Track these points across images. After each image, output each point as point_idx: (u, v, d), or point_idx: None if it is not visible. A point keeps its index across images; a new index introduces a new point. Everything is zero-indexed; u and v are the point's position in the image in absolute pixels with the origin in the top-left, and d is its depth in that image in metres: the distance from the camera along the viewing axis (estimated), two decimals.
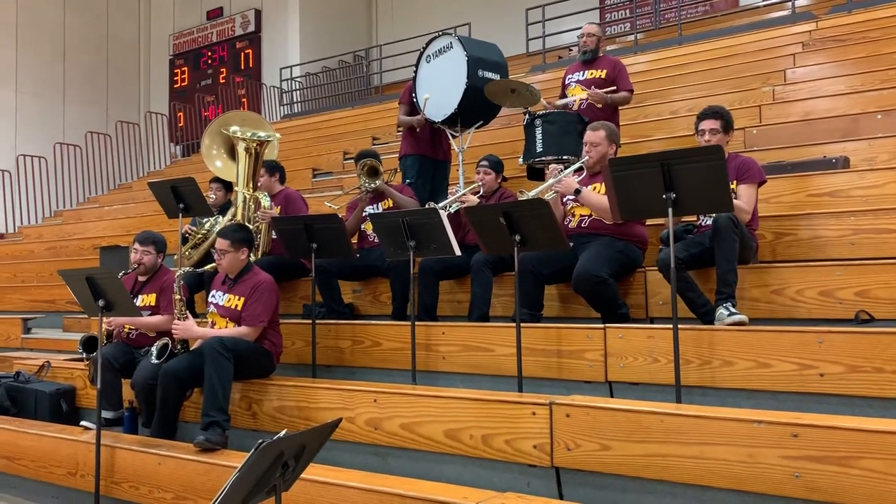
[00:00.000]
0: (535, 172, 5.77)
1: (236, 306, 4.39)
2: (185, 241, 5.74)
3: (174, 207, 5.42)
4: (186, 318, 4.41)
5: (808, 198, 4.73)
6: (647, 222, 4.43)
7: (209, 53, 17.28)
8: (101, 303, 4.02)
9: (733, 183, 3.94)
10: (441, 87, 5.77)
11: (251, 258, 4.62)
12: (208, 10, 17.30)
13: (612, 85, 5.69)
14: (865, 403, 3.19)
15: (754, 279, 3.95)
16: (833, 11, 9.45)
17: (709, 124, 4.13)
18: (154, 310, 4.78)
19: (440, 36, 6.05)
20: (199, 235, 5.72)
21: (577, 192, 4.27)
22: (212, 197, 5.99)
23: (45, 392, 5.18)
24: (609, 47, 10.73)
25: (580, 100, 5.70)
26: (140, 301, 4.76)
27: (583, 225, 4.36)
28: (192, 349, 4.46)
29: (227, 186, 5.93)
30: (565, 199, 4.46)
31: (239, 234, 4.47)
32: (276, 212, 5.37)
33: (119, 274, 4.32)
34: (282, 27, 16.23)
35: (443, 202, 4.98)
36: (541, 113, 5.48)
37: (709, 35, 10.44)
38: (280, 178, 5.76)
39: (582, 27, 6.07)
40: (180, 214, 5.46)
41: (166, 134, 16.71)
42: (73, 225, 11.41)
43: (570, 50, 12.29)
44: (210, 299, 4.58)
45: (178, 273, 4.58)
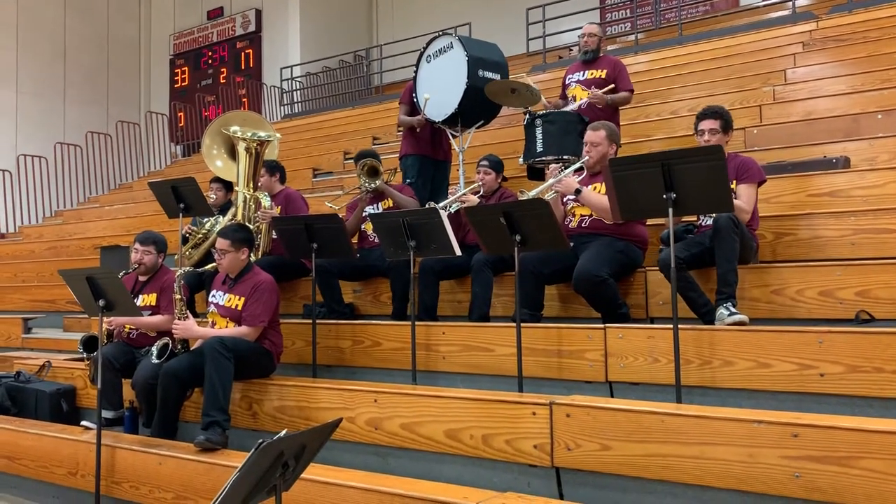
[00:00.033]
0: (536, 172, 5.77)
1: (237, 306, 4.39)
2: (185, 240, 5.74)
3: (174, 207, 5.42)
4: (187, 318, 4.41)
5: (808, 198, 4.73)
6: (648, 222, 4.42)
7: (209, 53, 17.28)
8: (101, 303, 4.02)
9: (733, 183, 3.94)
10: (441, 87, 5.76)
11: (251, 258, 4.62)
12: (209, 10, 17.30)
13: (613, 85, 5.70)
14: (866, 403, 3.19)
15: (754, 279, 3.95)
16: (833, 11, 9.45)
17: (708, 124, 4.13)
18: (154, 310, 4.78)
19: (440, 36, 6.04)
20: (200, 235, 5.72)
21: (578, 192, 4.27)
22: (212, 197, 5.99)
23: (46, 392, 5.18)
24: (609, 47, 10.74)
25: (580, 102, 5.69)
26: (140, 301, 4.76)
27: (583, 225, 4.36)
28: (192, 349, 4.46)
29: (228, 186, 5.93)
30: (566, 199, 4.46)
31: (239, 234, 4.48)
32: (276, 212, 5.38)
33: (119, 274, 4.31)
34: (282, 27, 16.23)
35: (443, 202, 4.98)
36: (541, 113, 5.47)
37: (709, 35, 10.43)
38: (280, 178, 5.77)
39: (582, 27, 6.07)
40: (181, 214, 5.46)
41: (167, 134, 16.71)
42: (74, 225, 11.40)
43: (571, 50, 12.29)
44: (210, 299, 4.59)
45: (178, 273, 4.59)
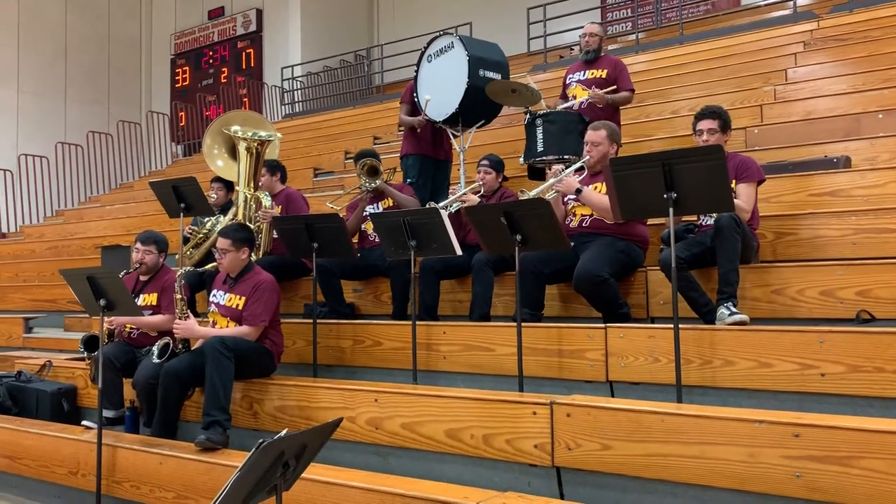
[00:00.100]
0: (536, 172, 5.77)
1: (237, 306, 4.39)
2: (186, 240, 5.74)
3: (175, 207, 5.42)
4: (188, 318, 4.41)
5: (809, 197, 4.72)
6: (648, 222, 4.42)
7: (210, 53, 17.28)
8: (102, 302, 4.02)
9: (732, 182, 3.94)
10: (442, 86, 5.76)
11: (252, 258, 4.62)
12: (209, 10, 17.31)
13: (613, 84, 5.69)
14: (867, 403, 3.19)
15: (755, 279, 3.95)
16: (834, 11, 9.45)
17: (707, 124, 4.13)
18: (155, 309, 4.79)
19: (441, 35, 6.04)
20: (201, 235, 5.73)
21: (578, 192, 4.27)
22: (213, 196, 5.99)
23: (47, 391, 5.18)
24: (610, 47, 10.74)
25: (580, 100, 5.69)
26: (141, 300, 4.77)
27: (584, 224, 4.36)
28: (193, 349, 4.46)
29: (229, 186, 5.93)
30: (566, 199, 4.46)
31: (240, 234, 4.48)
32: (277, 211, 5.38)
33: (120, 273, 4.32)
34: (283, 27, 16.23)
35: (443, 202, 4.98)
36: (542, 112, 5.47)
37: (710, 34, 10.43)
38: (281, 178, 5.77)
39: (583, 27, 6.07)
40: (181, 214, 5.45)
41: (167, 133, 16.71)
42: (75, 224, 11.41)
43: (572, 49, 12.29)
44: (211, 299, 4.59)
45: (179, 272, 4.59)
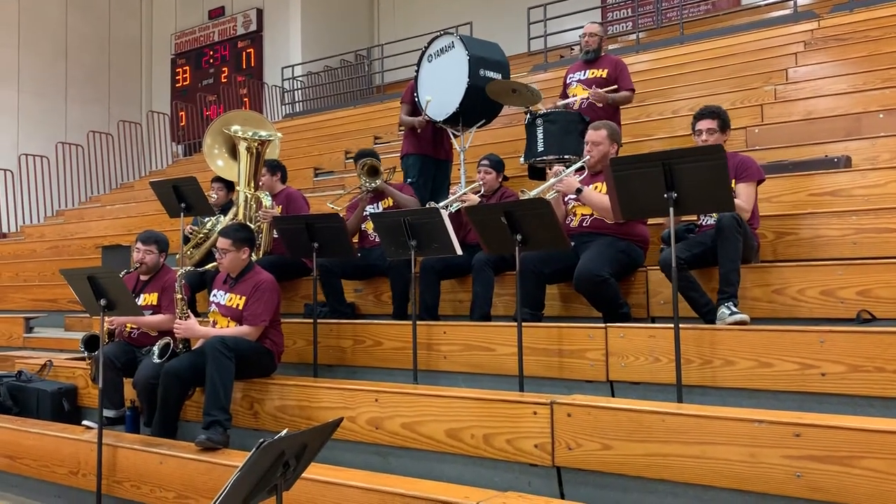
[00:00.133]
0: (537, 172, 5.77)
1: (238, 305, 4.39)
2: (186, 240, 5.75)
3: (176, 207, 5.42)
4: (188, 318, 4.41)
5: (809, 197, 4.72)
6: (649, 222, 4.42)
7: (211, 53, 17.28)
8: (102, 302, 4.02)
9: (732, 182, 3.93)
10: (443, 86, 5.76)
11: (253, 257, 4.62)
12: (210, 10, 17.31)
13: (614, 84, 5.69)
14: (867, 403, 3.19)
15: (756, 278, 3.95)
16: (835, 10, 9.44)
17: (706, 124, 4.12)
18: (156, 309, 4.79)
19: (442, 35, 6.04)
20: (201, 235, 5.73)
21: (579, 192, 4.27)
22: (213, 196, 6.00)
23: (47, 391, 5.18)
24: (611, 46, 10.73)
25: (581, 99, 5.69)
26: (142, 300, 4.77)
27: (584, 224, 4.36)
28: (193, 348, 4.46)
29: (229, 186, 5.94)
30: (567, 199, 4.46)
31: (240, 234, 4.48)
32: (277, 211, 5.38)
33: (121, 273, 4.32)
34: (283, 26, 16.23)
35: (444, 201, 4.98)
36: (542, 112, 5.47)
37: (710, 34, 10.42)
38: (281, 178, 5.77)
39: (584, 26, 6.07)
40: (182, 214, 5.46)
41: (168, 133, 16.71)
42: (75, 224, 11.41)
43: (572, 49, 12.28)
44: (212, 298, 4.59)
45: (179, 272, 4.59)
